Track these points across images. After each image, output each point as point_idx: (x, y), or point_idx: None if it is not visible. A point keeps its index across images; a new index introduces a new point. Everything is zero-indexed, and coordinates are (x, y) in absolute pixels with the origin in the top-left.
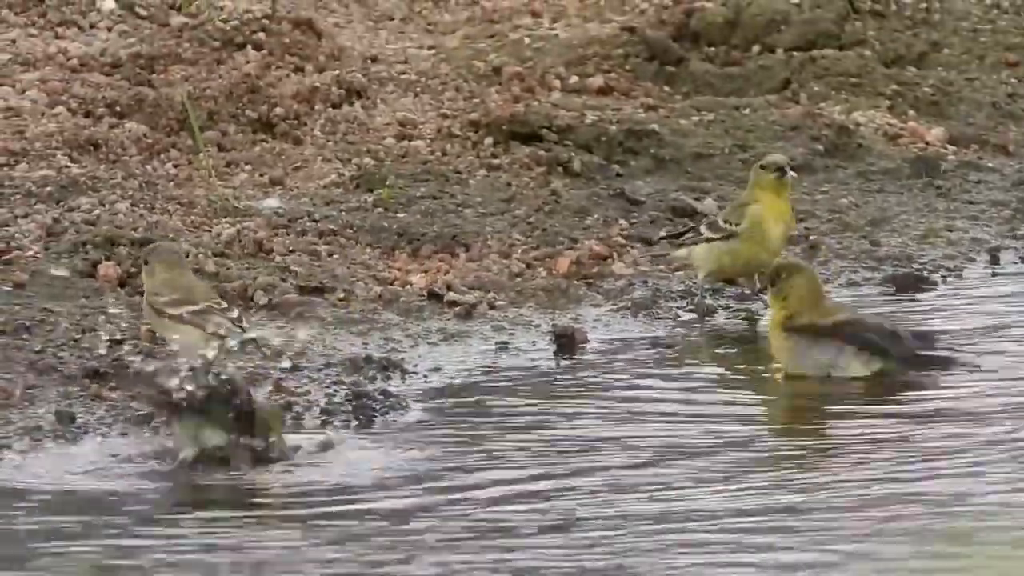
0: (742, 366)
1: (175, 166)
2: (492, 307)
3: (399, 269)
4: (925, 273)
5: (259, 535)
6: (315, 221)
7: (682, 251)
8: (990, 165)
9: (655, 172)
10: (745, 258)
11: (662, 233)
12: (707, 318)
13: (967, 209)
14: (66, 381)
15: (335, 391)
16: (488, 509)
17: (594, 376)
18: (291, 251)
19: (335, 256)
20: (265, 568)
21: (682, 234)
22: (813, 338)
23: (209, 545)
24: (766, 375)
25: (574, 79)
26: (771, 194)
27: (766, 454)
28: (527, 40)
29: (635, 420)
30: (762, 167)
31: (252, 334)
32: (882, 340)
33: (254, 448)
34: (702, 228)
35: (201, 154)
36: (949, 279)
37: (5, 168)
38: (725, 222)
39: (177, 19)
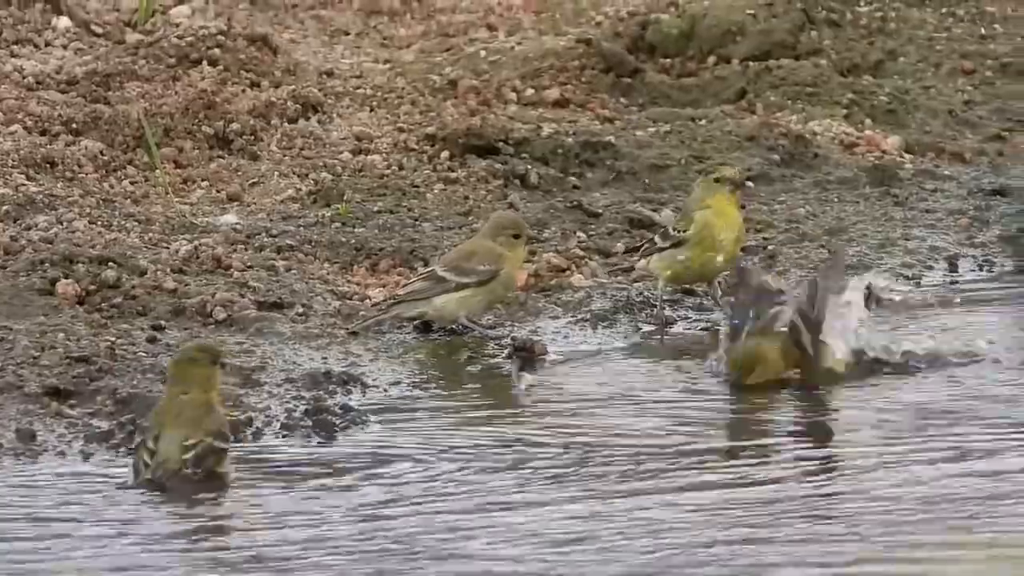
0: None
1: (132, 183)
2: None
3: (358, 283)
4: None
5: None
6: (273, 236)
7: (642, 262)
8: (947, 173)
9: (612, 184)
10: (699, 263)
11: (619, 246)
12: (667, 329)
13: (924, 217)
14: (26, 399)
15: (295, 406)
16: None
17: (555, 386)
18: (249, 267)
19: (293, 271)
20: None
21: (640, 247)
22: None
23: None
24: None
25: (530, 92)
26: (720, 201)
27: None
28: (483, 53)
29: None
30: (716, 180)
31: None
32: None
33: None
34: (656, 238)
35: (158, 171)
36: (908, 287)
37: None
38: (675, 230)
39: (132, 36)
